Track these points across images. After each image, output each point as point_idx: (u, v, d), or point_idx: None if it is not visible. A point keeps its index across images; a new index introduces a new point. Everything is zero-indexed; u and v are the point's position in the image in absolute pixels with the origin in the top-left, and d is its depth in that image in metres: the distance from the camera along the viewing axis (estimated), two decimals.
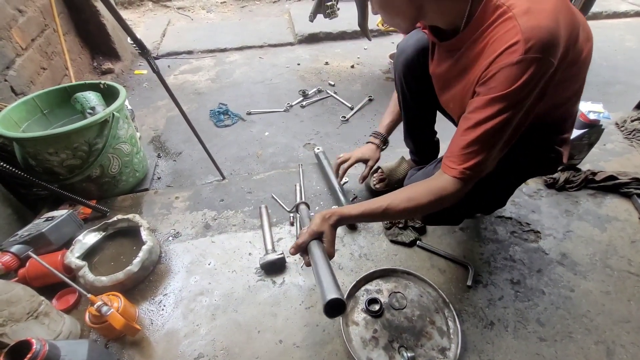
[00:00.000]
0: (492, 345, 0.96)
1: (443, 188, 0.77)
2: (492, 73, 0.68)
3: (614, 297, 1.05)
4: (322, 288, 0.74)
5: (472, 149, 0.73)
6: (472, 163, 0.74)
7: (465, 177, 0.75)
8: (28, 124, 1.43)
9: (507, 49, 0.65)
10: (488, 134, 0.71)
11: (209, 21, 3.87)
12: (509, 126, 0.71)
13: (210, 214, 1.39)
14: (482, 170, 0.75)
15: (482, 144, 0.72)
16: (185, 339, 1.00)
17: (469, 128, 0.73)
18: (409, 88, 1.14)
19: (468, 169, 0.74)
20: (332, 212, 0.86)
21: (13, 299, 0.84)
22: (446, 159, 0.79)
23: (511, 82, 0.66)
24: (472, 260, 1.16)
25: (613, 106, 2.08)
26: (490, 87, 0.69)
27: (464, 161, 0.75)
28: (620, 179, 1.36)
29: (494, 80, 0.68)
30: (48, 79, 1.99)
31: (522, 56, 0.63)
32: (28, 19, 1.91)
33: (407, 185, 0.87)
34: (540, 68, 0.64)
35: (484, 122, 0.71)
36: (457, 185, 0.76)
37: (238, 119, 2.21)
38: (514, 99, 0.67)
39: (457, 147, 0.76)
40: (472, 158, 0.74)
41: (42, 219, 1.24)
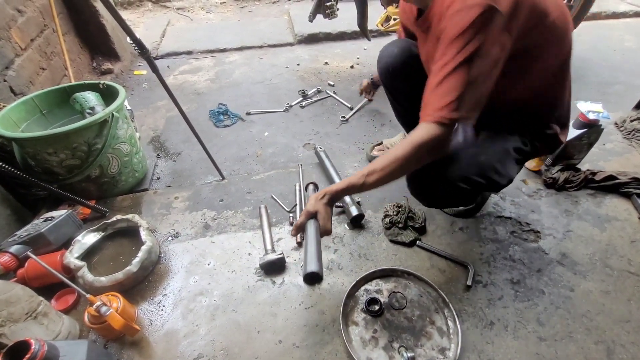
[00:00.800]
0: (492, 345, 0.96)
1: (420, 136, 0.78)
2: (445, 26, 0.75)
3: (613, 296, 1.05)
4: (306, 260, 0.83)
5: (439, 91, 0.76)
6: (442, 104, 0.75)
7: (437, 120, 0.76)
8: (27, 124, 1.43)
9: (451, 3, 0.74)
10: (450, 74, 0.74)
11: (208, 21, 3.87)
12: (471, 65, 0.73)
13: (209, 214, 1.38)
14: (455, 111, 0.75)
15: (448, 85, 0.75)
16: (185, 339, 1.00)
17: (434, 75, 0.78)
18: (388, 89, 1.31)
19: (437, 110, 0.76)
20: (324, 192, 0.91)
21: (12, 299, 0.84)
22: (422, 110, 0.81)
23: (461, 23, 0.72)
24: (472, 260, 1.16)
25: (612, 106, 2.08)
26: (446, 34, 0.75)
27: (434, 105, 0.77)
28: (620, 179, 1.36)
29: (448, 27, 0.74)
30: (47, 79, 1.99)
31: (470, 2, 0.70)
32: (27, 19, 1.91)
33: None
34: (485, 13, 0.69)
35: (444, 65, 0.75)
36: (434, 130, 0.77)
37: (238, 119, 2.21)
38: (467, 37, 0.72)
39: (426, 95, 0.80)
40: (440, 100, 0.76)
41: (41, 219, 1.24)
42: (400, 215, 1.26)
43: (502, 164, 1.00)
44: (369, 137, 2.00)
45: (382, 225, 1.28)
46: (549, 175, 1.42)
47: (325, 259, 1.18)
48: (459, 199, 1.06)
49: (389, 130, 2.04)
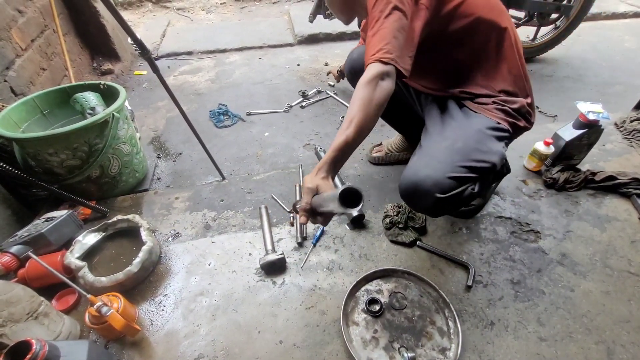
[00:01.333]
0: (493, 345, 0.96)
1: (365, 75, 0.87)
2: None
3: (614, 297, 1.05)
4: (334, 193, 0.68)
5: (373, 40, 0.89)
6: (376, 49, 0.87)
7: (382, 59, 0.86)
8: (28, 124, 1.43)
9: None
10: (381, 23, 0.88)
11: (208, 22, 3.87)
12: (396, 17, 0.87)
13: (210, 214, 1.39)
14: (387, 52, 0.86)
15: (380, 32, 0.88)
16: (185, 339, 1.00)
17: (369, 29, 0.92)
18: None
19: (374, 53, 0.87)
20: (316, 168, 0.87)
21: (13, 299, 0.84)
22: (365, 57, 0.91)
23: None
24: (472, 260, 1.16)
25: (612, 106, 2.09)
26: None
27: (370, 51, 0.89)
28: (620, 179, 1.36)
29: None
30: (48, 80, 1.99)
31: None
32: (28, 19, 1.91)
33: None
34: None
35: (377, 18, 0.89)
36: (376, 66, 0.86)
37: (238, 119, 2.21)
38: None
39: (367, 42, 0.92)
40: (374, 47, 0.88)
41: (42, 219, 1.24)
42: (401, 216, 1.26)
43: (481, 143, 0.99)
44: (369, 137, 1.98)
45: (382, 225, 1.28)
46: (549, 175, 1.42)
47: (325, 259, 1.19)
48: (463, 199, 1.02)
49: (389, 130, 2.02)
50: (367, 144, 1.94)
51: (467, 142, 0.98)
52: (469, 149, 0.97)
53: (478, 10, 0.99)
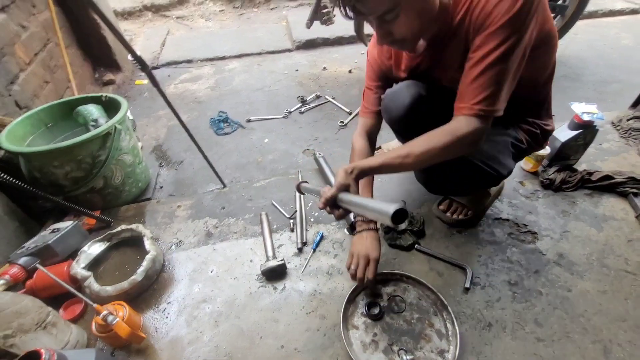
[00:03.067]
0: (491, 346, 0.97)
1: (457, 128, 0.79)
2: (489, 10, 0.72)
3: (610, 296, 1.07)
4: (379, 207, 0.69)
5: (478, 83, 0.76)
6: (481, 97, 0.76)
7: (477, 113, 0.77)
8: (33, 137, 1.46)
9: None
10: (492, 66, 0.74)
11: (207, 30, 3.92)
12: (513, 55, 0.73)
13: (211, 222, 1.41)
14: (492, 105, 0.76)
15: (489, 77, 0.74)
16: (189, 345, 1.02)
17: (473, 65, 0.76)
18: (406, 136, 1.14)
19: (477, 103, 0.76)
20: (352, 167, 0.87)
21: (22, 310, 0.87)
22: (456, 102, 0.81)
23: (508, 10, 0.70)
24: (469, 262, 1.17)
25: (609, 105, 2.10)
26: (488, 24, 0.73)
27: (472, 97, 0.77)
28: (617, 179, 1.37)
29: (491, 16, 0.72)
30: (51, 92, 2.03)
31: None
32: (31, 34, 1.95)
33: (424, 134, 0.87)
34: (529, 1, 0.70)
35: (487, 56, 0.74)
36: (472, 123, 0.78)
37: (238, 126, 2.24)
38: (514, 26, 0.71)
39: (463, 86, 0.79)
40: (480, 92, 0.76)
41: (48, 230, 1.27)
42: None
43: (502, 155, 1.02)
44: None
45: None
46: (546, 176, 1.43)
47: (325, 264, 1.21)
48: (459, 185, 1.07)
49: (387, 134, 2.05)
50: None
51: (491, 148, 0.99)
52: (489, 155, 0.98)
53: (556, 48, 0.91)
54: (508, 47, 0.72)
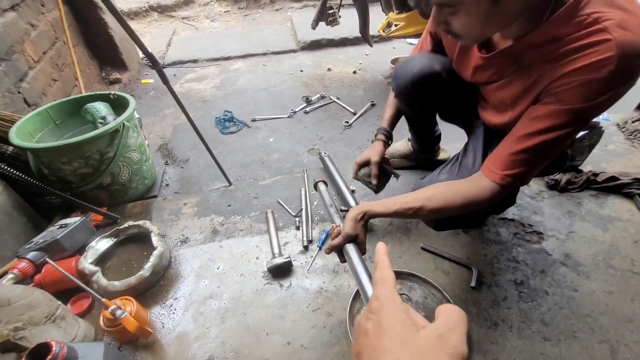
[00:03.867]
0: (497, 345, 0.97)
1: (479, 192, 0.76)
2: (571, 85, 0.63)
3: (617, 296, 1.07)
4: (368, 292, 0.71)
5: (521, 157, 0.71)
6: (516, 171, 0.72)
7: (505, 184, 0.74)
8: (42, 134, 1.48)
9: (596, 62, 0.59)
10: (543, 146, 0.69)
11: (213, 30, 3.95)
12: (566, 141, 0.69)
13: (217, 219, 1.42)
14: (524, 181, 0.74)
15: (534, 154, 0.70)
16: (196, 341, 1.03)
17: (525, 136, 0.70)
18: (410, 107, 1.20)
19: (511, 176, 0.73)
20: (363, 212, 0.84)
21: (33, 303, 0.87)
22: (490, 161, 0.77)
23: (589, 98, 0.62)
24: (475, 261, 1.17)
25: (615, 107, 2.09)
26: (562, 99, 0.65)
27: (508, 167, 0.73)
28: (622, 180, 1.37)
29: (570, 92, 0.63)
30: (59, 90, 2.05)
31: (613, 73, 0.58)
32: (40, 32, 1.97)
33: (440, 184, 0.85)
34: (624, 89, 0.61)
35: (543, 133, 0.68)
36: (495, 190, 0.75)
37: (243, 125, 2.25)
38: (584, 115, 0.64)
39: (505, 151, 0.74)
40: (518, 166, 0.72)
41: (56, 226, 1.28)
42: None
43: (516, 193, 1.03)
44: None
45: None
46: (551, 177, 1.43)
47: (331, 262, 1.21)
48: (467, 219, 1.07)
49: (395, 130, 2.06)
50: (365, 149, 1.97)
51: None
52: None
53: None
54: (567, 133, 0.66)
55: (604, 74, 0.59)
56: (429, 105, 1.16)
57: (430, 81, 1.04)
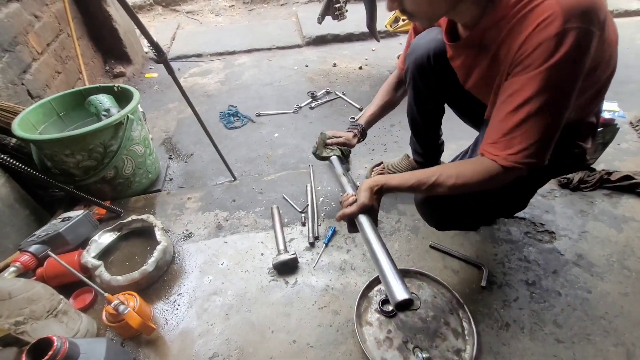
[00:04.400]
0: (508, 346, 0.95)
1: (489, 170, 0.74)
2: (529, 51, 0.63)
3: (632, 298, 1.03)
4: (389, 285, 0.70)
5: (515, 133, 0.69)
6: (517, 149, 0.69)
7: (512, 165, 0.70)
8: (45, 126, 1.46)
9: (541, 22, 0.61)
10: (532, 117, 0.66)
11: (217, 25, 3.91)
12: (556, 106, 0.66)
13: (222, 214, 1.40)
14: (534, 156, 0.69)
15: (527, 128, 0.68)
16: (200, 338, 1.01)
17: (511, 112, 0.69)
18: (417, 86, 1.14)
19: (513, 154, 0.70)
20: (381, 185, 0.83)
21: (34, 297, 0.86)
22: (487, 144, 0.75)
23: (550, 55, 0.61)
24: (485, 261, 1.15)
25: (627, 105, 2.04)
26: (527, 65, 0.64)
27: (506, 147, 0.71)
28: (636, 179, 1.34)
29: (531, 57, 0.63)
30: (62, 83, 2.03)
31: (560, 28, 0.59)
32: (44, 24, 1.95)
33: (453, 163, 0.85)
34: (581, 39, 0.59)
35: (525, 104, 0.66)
36: (507, 173, 0.72)
37: (247, 120, 2.23)
38: (557, 75, 0.63)
39: (498, 132, 0.72)
40: (517, 143, 0.69)
41: (59, 219, 1.27)
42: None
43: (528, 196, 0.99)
44: (379, 137, 1.99)
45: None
46: (564, 175, 1.40)
47: (337, 259, 1.19)
48: (470, 219, 1.05)
49: (399, 131, 2.03)
50: (377, 144, 1.94)
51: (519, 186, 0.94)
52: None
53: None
54: (550, 98, 0.64)
55: (553, 30, 0.60)
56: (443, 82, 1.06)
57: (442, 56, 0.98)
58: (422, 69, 1.07)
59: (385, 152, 1.88)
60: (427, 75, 1.08)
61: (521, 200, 1.05)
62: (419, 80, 1.11)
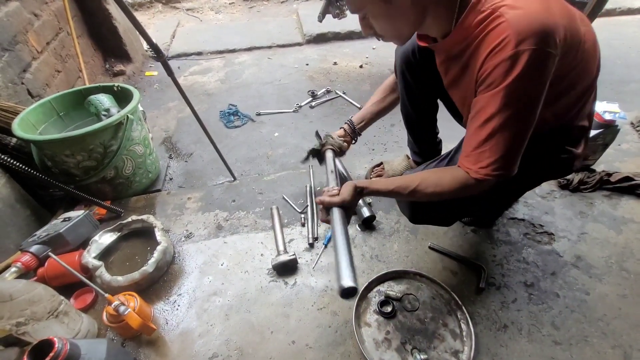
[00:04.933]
0: (506, 348, 0.95)
1: (463, 181, 0.78)
2: (488, 71, 0.68)
3: (630, 300, 1.04)
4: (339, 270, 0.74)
5: (484, 148, 0.73)
6: (486, 163, 0.73)
7: (483, 177, 0.74)
8: (45, 126, 1.46)
9: (497, 45, 0.65)
10: (498, 132, 0.70)
11: (217, 22, 3.90)
12: (518, 121, 0.70)
13: (222, 214, 1.40)
14: (502, 169, 0.73)
15: (494, 142, 0.71)
16: (200, 338, 1.01)
17: (478, 127, 0.73)
18: (406, 80, 1.14)
19: (483, 167, 0.74)
20: (363, 186, 0.89)
21: (35, 298, 0.86)
22: (462, 157, 0.79)
23: (509, 73, 0.65)
24: (484, 262, 1.15)
25: (628, 105, 2.03)
26: (489, 84, 0.69)
27: (477, 161, 0.75)
28: (637, 180, 1.34)
29: (491, 77, 0.68)
30: (62, 82, 2.03)
31: (513, 50, 0.63)
32: (43, 22, 1.94)
33: (432, 170, 0.88)
34: (535, 59, 0.63)
35: (491, 120, 0.70)
36: (480, 184, 0.76)
37: (248, 119, 2.22)
38: (515, 93, 0.66)
39: (469, 147, 0.76)
40: (486, 157, 0.73)
41: (59, 219, 1.27)
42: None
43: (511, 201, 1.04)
44: (379, 137, 1.99)
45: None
46: (564, 177, 1.40)
47: None
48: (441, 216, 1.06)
49: (399, 130, 2.03)
50: (377, 144, 1.94)
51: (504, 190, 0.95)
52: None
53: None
54: (513, 112, 0.68)
55: (507, 52, 0.64)
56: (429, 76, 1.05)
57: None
58: (408, 63, 1.09)
59: (386, 152, 1.88)
60: (414, 69, 1.09)
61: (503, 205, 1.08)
62: (407, 74, 1.13)
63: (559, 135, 0.88)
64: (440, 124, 1.32)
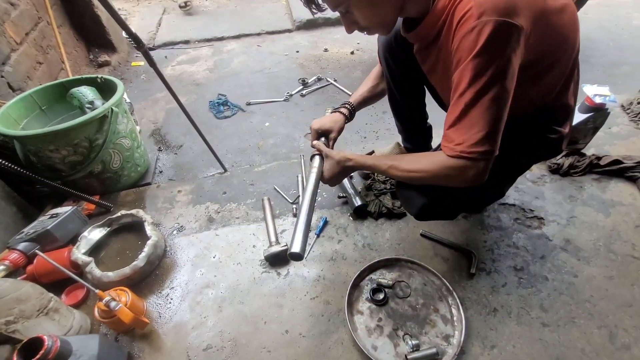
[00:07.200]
0: (496, 331, 0.97)
1: (443, 161, 0.76)
2: (456, 46, 0.68)
3: (617, 281, 1.06)
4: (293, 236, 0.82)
5: (459, 125, 0.71)
6: (462, 139, 0.71)
7: (463, 156, 0.71)
8: (27, 120, 1.42)
9: (461, 19, 0.66)
10: (469, 107, 0.69)
11: (204, 9, 3.79)
12: (490, 94, 0.67)
13: (213, 207, 1.39)
14: (480, 144, 0.70)
15: (468, 118, 0.70)
16: (193, 330, 1.02)
17: (453, 105, 0.72)
18: (389, 64, 1.12)
19: (459, 144, 0.71)
20: (349, 158, 0.97)
21: (22, 296, 0.85)
22: (442, 138, 0.78)
23: (471, 49, 0.65)
24: (475, 248, 1.16)
25: (619, 88, 2.04)
26: (459, 59, 0.68)
27: (453, 139, 0.73)
28: (626, 163, 1.35)
29: (459, 52, 0.68)
30: (45, 74, 1.97)
31: (476, 21, 0.63)
32: (21, 12, 1.87)
33: (419, 153, 0.89)
34: (497, 30, 0.62)
35: (461, 95, 0.69)
36: (459, 164, 0.73)
37: (238, 109, 2.19)
38: (483, 64, 0.65)
39: (446, 125, 0.75)
40: (462, 134, 0.71)
41: (47, 215, 1.25)
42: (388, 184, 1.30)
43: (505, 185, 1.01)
44: (371, 125, 1.98)
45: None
46: (554, 160, 1.41)
47: (329, 249, 1.19)
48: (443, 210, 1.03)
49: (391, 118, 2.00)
50: (370, 131, 1.93)
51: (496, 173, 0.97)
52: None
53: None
54: (484, 85, 0.66)
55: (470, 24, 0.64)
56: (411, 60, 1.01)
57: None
58: (390, 48, 1.08)
59: (377, 139, 1.87)
60: (395, 54, 1.08)
61: (499, 189, 1.05)
62: (390, 60, 1.11)
63: (545, 115, 0.87)
64: (430, 108, 1.30)
